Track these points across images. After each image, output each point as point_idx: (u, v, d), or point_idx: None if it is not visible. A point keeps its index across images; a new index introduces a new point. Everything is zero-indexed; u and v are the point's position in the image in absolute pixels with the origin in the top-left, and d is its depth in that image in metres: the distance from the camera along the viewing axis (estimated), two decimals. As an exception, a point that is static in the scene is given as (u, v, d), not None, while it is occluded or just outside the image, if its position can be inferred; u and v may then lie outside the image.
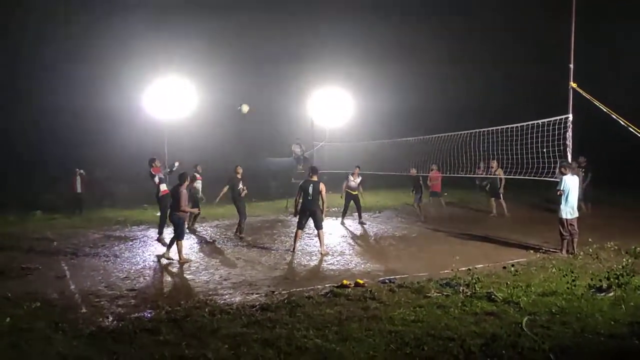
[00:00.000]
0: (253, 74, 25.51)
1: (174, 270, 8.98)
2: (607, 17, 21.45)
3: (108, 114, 21.83)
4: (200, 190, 13.94)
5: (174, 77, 19.20)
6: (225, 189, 12.38)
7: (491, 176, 14.28)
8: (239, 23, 25.96)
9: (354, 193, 14.09)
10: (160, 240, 11.00)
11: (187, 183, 9.79)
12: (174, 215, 9.59)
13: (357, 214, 14.21)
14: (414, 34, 26.94)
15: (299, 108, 21.20)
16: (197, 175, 13.94)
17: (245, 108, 13.09)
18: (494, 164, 13.80)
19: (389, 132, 19.32)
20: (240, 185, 12.22)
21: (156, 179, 11.26)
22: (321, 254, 10.01)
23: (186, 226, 12.50)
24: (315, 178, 10.18)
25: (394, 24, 27.81)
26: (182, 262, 9.38)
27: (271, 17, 26.92)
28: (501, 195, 14.74)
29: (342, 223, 14.04)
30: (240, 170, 12.40)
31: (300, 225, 10.35)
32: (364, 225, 13.72)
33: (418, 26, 26.97)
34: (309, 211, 10.16)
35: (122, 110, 21.56)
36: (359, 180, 14.21)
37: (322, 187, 10.07)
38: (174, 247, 9.66)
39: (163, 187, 11.27)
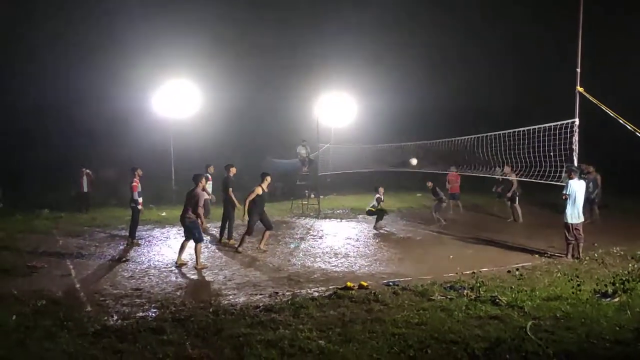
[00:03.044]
0: (260, 76, 25.62)
1: (179, 270, 9.00)
2: (615, 20, 21.38)
3: (115, 114, 22.00)
4: (211, 191, 13.76)
5: (181, 79, 19.36)
6: (230, 190, 11.67)
7: (504, 178, 13.86)
8: (246, 27, 26.09)
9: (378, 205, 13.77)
10: (133, 243, 11.30)
11: (202, 184, 9.49)
12: (185, 219, 9.28)
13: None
14: (420, 37, 26.97)
15: (305, 110, 21.26)
16: (209, 177, 13.65)
17: (414, 161, 13.41)
18: (507, 168, 13.35)
19: (394, 134, 19.31)
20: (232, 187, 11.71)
21: (134, 195, 11.29)
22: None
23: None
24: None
25: (400, 28, 27.86)
26: (198, 267, 9.01)
27: (278, 21, 27.06)
28: (516, 200, 14.41)
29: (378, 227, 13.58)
30: (234, 170, 11.82)
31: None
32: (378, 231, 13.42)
33: (425, 29, 27.00)
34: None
35: (129, 110, 21.74)
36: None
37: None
38: (187, 250, 9.50)
39: (140, 200, 11.41)
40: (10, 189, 18.08)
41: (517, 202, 14.46)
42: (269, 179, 10.58)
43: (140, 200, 11.46)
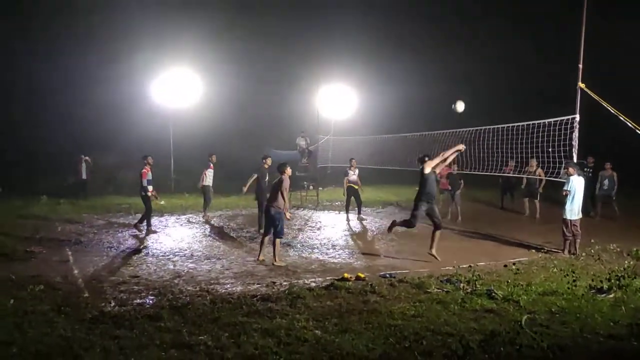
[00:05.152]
0: (260, 66, 25.50)
1: (177, 258, 9.03)
2: (617, 14, 21.27)
3: (114, 102, 21.90)
4: (212, 180, 13.74)
5: (181, 68, 19.29)
6: (253, 178, 11.56)
7: (530, 176, 13.51)
8: (247, 17, 25.93)
9: (355, 187, 13.86)
10: (150, 231, 11.34)
11: (287, 172, 8.92)
12: (271, 209, 8.70)
13: (357, 208, 13.99)
14: (421, 30, 26.85)
15: (305, 101, 21.19)
16: (211, 165, 13.59)
17: (460, 107, 11.30)
18: (533, 163, 13.00)
19: (394, 127, 19.26)
20: (267, 178, 11.43)
21: (143, 182, 11.22)
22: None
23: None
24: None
25: (402, 20, 27.71)
26: (277, 264, 8.53)
27: (278, 11, 26.89)
28: (538, 195, 14.22)
29: (348, 219, 13.91)
30: (269, 161, 11.62)
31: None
32: (363, 221, 13.60)
33: (426, 23, 26.87)
34: None
35: (128, 97, 21.63)
36: (357, 172, 14.04)
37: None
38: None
39: (150, 188, 11.33)
40: (9, 175, 18.06)
41: (538, 198, 14.22)
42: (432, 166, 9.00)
43: (150, 188, 11.36)
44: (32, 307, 6.00)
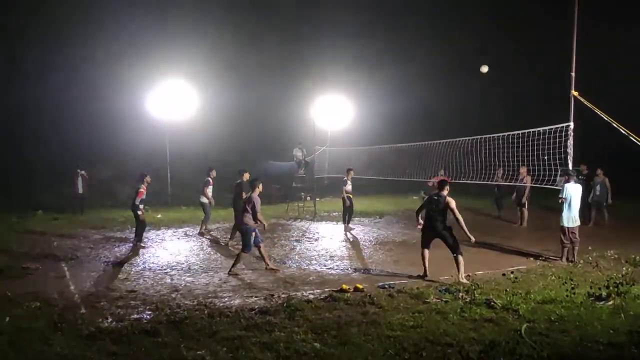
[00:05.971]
0: (256, 78, 25.63)
1: (174, 272, 8.98)
2: (608, 19, 21.54)
3: (111, 115, 21.93)
4: (210, 194, 13.67)
5: (177, 80, 19.37)
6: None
7: (519, 184, 13.42)
8: (243, 29, 26.12)
9: (350, 196, 13.85)
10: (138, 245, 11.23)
11: (259, 190, 9.02)
12: (242, 225, 8.92)
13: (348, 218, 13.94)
14: (416, 40, 27.10)
15: (302, 112, 21.29)
16: (210, 180, 13.58)
17: (484, 69, 12.46)
18: (523, 169, 12.95)
19: (390, 137, 19.35)
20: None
21: (137, 200, 11.21)
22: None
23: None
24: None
25: (396, 30, 27.97)
26: (231, 273, 8.75)
27: (275, 24, 27.11)
28: (525, 204, 14.19)
29: (345, 229, 13.81)
30: (247, 175, 11.69)
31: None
32: (351, 231, 13.51)
33: (420, 33, 27.12)
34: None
35: (124, 111, 21.68)
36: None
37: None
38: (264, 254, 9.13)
39: (141, 206, 11.34)
40: (4, 189, 18.00)
41: (526, 207, 14.24)
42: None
43: (142, 206, 11.40)
44: (28, 324, 5.94)
